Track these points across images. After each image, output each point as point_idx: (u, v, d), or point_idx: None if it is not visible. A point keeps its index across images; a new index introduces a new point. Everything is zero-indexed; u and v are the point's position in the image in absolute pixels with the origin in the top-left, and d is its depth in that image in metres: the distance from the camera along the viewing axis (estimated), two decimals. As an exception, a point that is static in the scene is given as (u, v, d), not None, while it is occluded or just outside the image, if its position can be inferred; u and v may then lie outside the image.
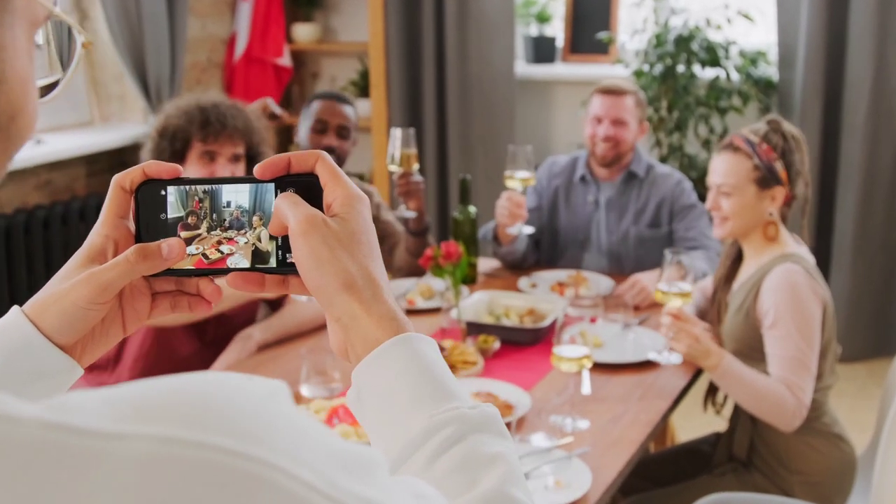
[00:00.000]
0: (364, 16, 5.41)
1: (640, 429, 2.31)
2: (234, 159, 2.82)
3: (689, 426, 3.68)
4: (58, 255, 4.24)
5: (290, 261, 0.82)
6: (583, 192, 3.52)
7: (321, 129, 3.37)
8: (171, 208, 0.84)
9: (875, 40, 4.43)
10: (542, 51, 5.32)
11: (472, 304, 2.94)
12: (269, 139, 2.99)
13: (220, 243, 0.84)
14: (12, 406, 0.46)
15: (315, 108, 3.41)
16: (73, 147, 4.36)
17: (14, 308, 0.81)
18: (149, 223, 0.84)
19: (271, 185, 0.83)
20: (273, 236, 0.84)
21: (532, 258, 3.50)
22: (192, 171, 2.78)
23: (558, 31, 5.41)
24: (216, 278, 0.86)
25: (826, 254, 4.71)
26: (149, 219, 0.84)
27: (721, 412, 2.79)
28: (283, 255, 0.84)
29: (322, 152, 0.83)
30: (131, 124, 4.68)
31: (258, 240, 0.84)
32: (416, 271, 3.30)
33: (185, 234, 0.84)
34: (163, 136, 2.84)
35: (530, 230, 3.24)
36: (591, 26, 5.24)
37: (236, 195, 0.84)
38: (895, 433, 2.22)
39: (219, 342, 2.83)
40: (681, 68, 4.70)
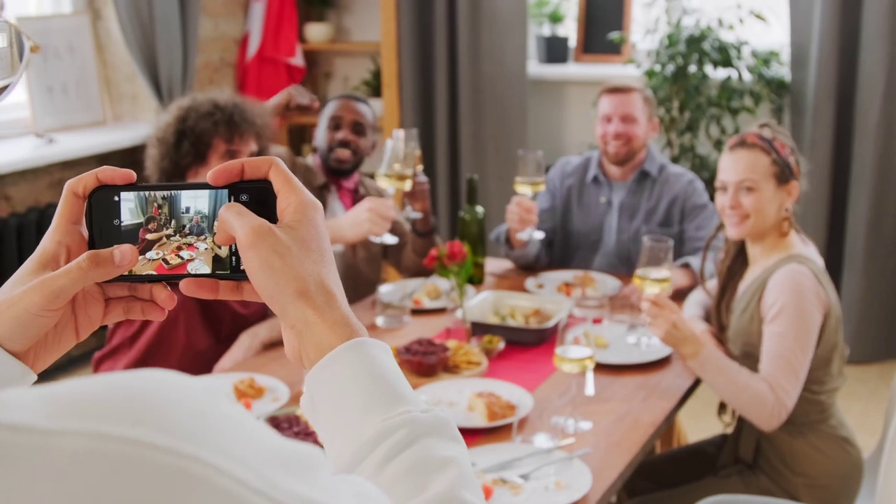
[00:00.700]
0: (376, 16, 5.41)
1: (642, 430, 2.31)
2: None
3: (698, 427, 3.67)
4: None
5: (244, 267, 0.82)
6: (595, 192, 3.52)
7: (335, 125, 3.36)
8: (126, 214, 0.84)
9: (888, 41, 4.41)
10: (555, 51, 5.31)
11: (478, 304, 2.94)
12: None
13: (180, 249, 0.84)
14: None
15: (331, 108, 3.41)
16: (85, 146, 4.38)
17: None
18: (102, 229, 0.84)
19: (226, 192, 0.83)
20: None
21: (545, 259, 3.50)
22: None
23: (571, 31, 5.40)
24: (170, 284, 0.86)
25: (838, 255, 4.69)
26: (102, 224, 0.84)
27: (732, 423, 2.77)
28: (237, 261, 0.84)
29: (275, 158, 0.83)
30: (143, 124, 4.69)
31: (218, 245, 0.84)
32: (423, 272, 3.30)
33: (151, 236, 0.84)
34: (185, 137, 2.80)
35: (541, 235, 3.24)
36: (603, 26, 5.23)
37: (195, 201, 0.83)
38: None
39: (232, 340, 2.84)
40: (693, 68, 4.69)
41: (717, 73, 4.73)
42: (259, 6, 5.42)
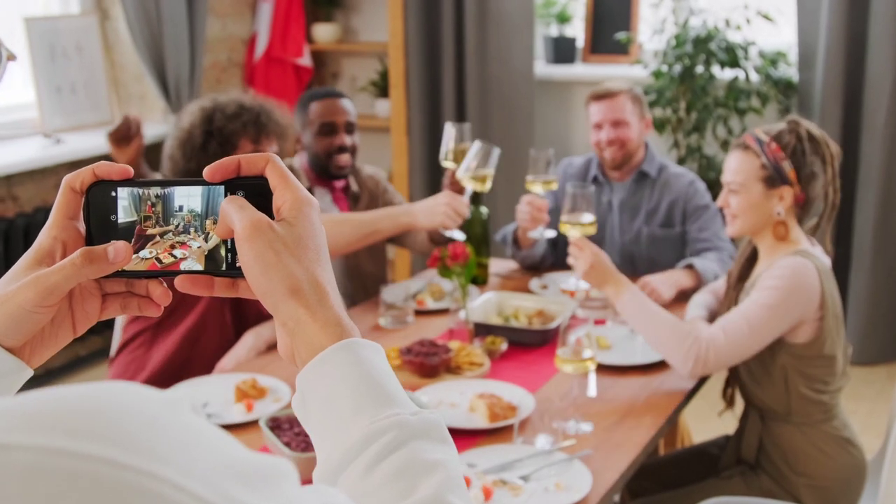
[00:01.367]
0: (384, 16, 5.42)
1: (643, 431, 2.30)
2: None
3: (702, 428, 3.67)
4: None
5: (239, 264, 0.82)
6: (596, 193, 3.52)
7: (329, 130, 3.30)
8: (122, 211, 0.84)
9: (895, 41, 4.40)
10: (562, 51, 5.30)
11: (481, 305, 2.94)
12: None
13: (173, 247, 0.84)
14: None
15: (316, 111, 3.33)
16: (92, 146, 4.40)
17: None
18: (99, 224, 0.84)
19: (222, 189, 0.83)
20: (223, 239, 0.84)
21: (550, 259, 3.50)
22: None
23: (578, 31, 5.40)
24: (166, 280, 0.86)
25: (846, 255, 4.68)
26: (99, 220, 0.84)
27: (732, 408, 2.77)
28: (232, 258, 0.84)
29: (272, 155, 0.83)
30: (151, 124, 4.70)
31: (211, 241, 0.84)
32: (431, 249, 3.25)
33: (147, 233, 0.84)
34: (212, 138, 2.79)
35: (552, 234, 3.22)
36: (611, 27, 5.22)
37: (189, 199, 0.84)
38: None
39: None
40: (700, 69, 4.68)
41: (725, 74, 4.72)
42: (267, 6, 5.43)
